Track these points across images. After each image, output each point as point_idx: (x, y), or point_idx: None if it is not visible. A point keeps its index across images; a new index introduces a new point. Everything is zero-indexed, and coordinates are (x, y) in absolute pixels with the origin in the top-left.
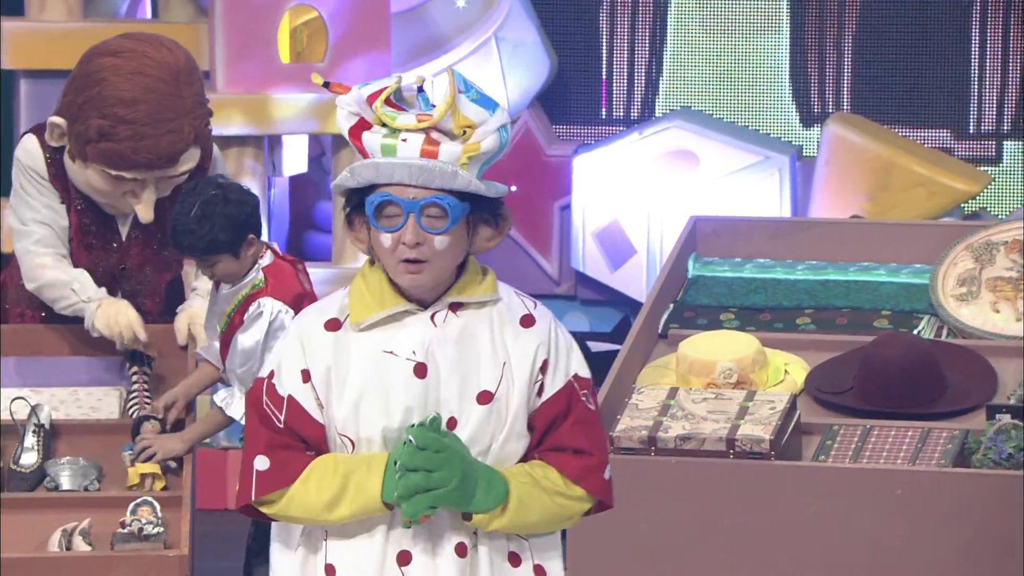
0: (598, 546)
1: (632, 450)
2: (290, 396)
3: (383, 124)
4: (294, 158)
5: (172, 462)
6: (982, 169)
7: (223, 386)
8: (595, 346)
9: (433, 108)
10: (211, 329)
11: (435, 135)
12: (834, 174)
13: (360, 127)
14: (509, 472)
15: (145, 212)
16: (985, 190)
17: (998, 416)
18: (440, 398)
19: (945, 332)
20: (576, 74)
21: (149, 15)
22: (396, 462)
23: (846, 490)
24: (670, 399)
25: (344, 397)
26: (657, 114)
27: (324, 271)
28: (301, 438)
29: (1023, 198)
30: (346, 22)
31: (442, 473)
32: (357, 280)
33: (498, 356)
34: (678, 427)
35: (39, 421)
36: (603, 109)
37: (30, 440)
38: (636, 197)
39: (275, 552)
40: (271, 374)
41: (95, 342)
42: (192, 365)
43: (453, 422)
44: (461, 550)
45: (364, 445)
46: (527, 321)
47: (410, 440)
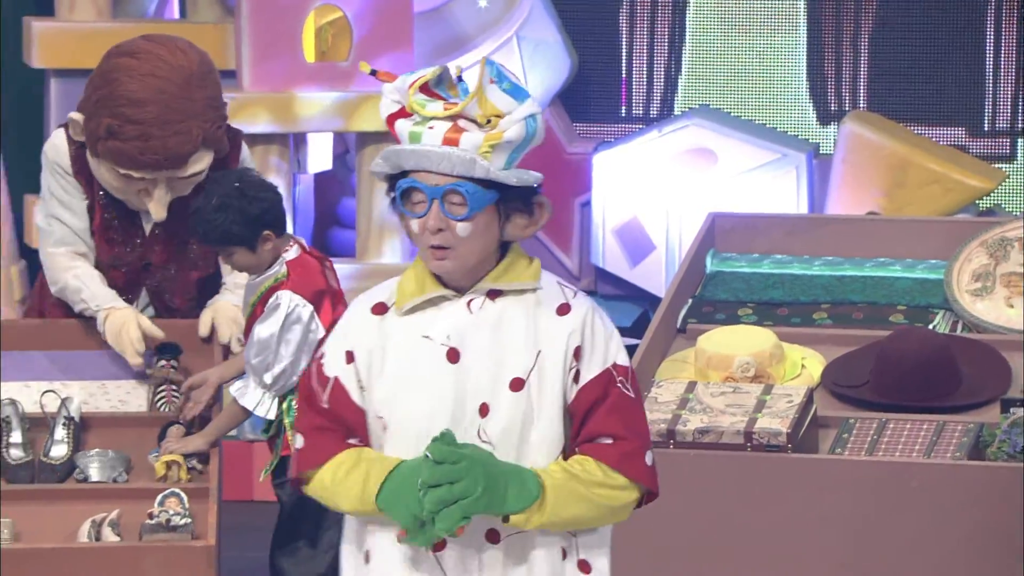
0: (616, 537)
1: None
2: (336, 378)
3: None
4: (319, 155)
5: (199, 464)
6: (997, 166)
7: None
8: None
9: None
10: (245, 320)
11: (462, 123)
12: (850, 171)
13: (399, 115)
14: (542, 469)
15: (157, 211)
16: (999, 187)
17: (1012, 409)
18: (471, 383)
19: (960, 327)
20: (596, 73)
21: (177, 15)
22: (420, 480)
23: (862, 482)
24: (689, 393)
25: (382, 379)
26: (676, 112)
27: (348, 267)
28: (343, 422)
29: None
30: (370, 22)
31: (465, 483)
32: (409, 267)
33: (532, 344)
34: (696, 420)
35: (69, 414)
36: (623, 107)
37: (60, 432)
38: (655, 194)
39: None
40: (321, 355)
41: None
42: (219, 358)
43: (485, 408)
44: (493, 537)
45: (396, 427)
46: (563, 310)
47: (427, 456)
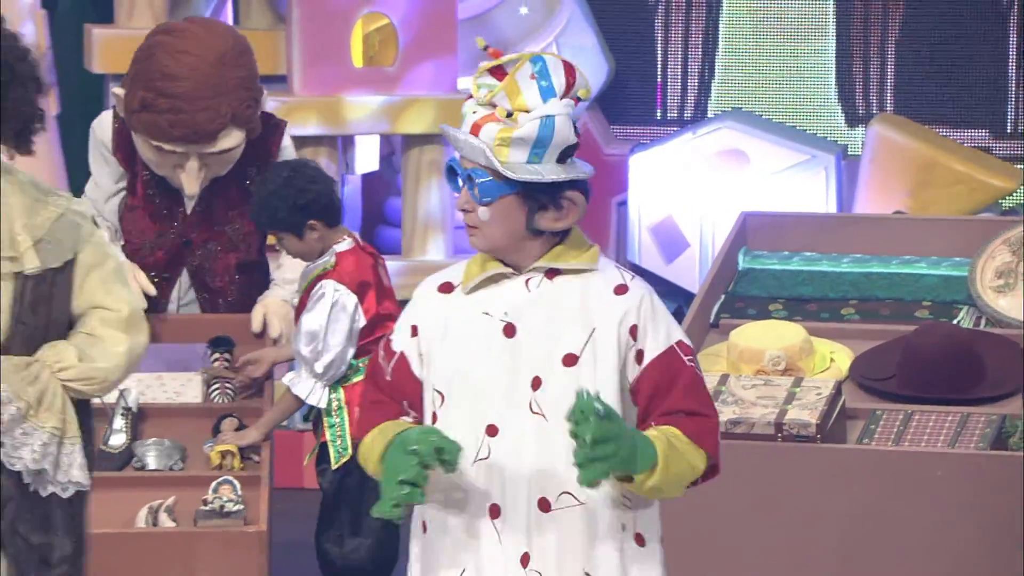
0: None
1: None
2: (401, 352)
3: None
4: (366, 157)
5: (254, 455)
6: (1019, 167)
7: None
8: None
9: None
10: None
11: (497, 112)
12: (878, 172)
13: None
14: (650, 434)
15: (189, 184)
16: (1022, 187)
17: None
18: (525, 357)
19: (983, 322)
20: (632, 77)
21: (230, 22)
22: (587, 436)
23: (888, 472)
24: (721, 385)
25: (442, 352)
26: (709, 115)
27: (393, 263)
28: (402, 393)
29: None
30: (415, 28)
31: (616, 443)
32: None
33: (586, 321)
34: (729, 412)
35: (127, 405)
36: (658, 111)
37: (119, 422)
38: (689, 194)
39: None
40: (391, 330)
41: (181, 331)
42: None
43: (537, 382)
44: (544, 506)
45: (452, 399)
46: (620, 290)
47: (597, 411)
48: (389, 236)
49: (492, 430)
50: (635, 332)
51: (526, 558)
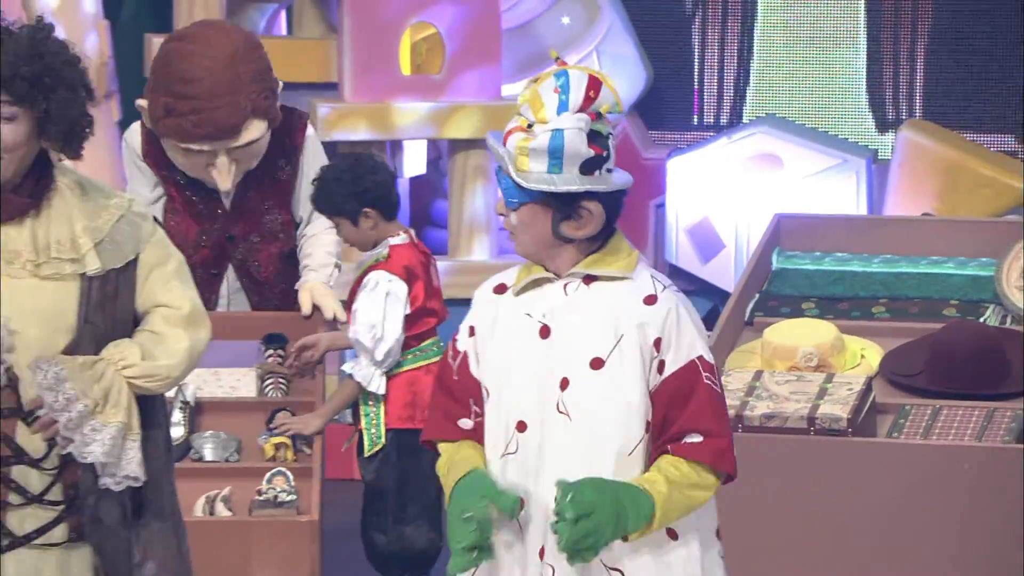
0: None
1: None
2: (464, 352)
3: None
4: (414, 161)
5: (306, 447)
6: None
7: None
8: None
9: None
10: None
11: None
12: (907, 176)
13: None
14: (647, 482)
15: (222, 180)
16: None
17: None
18: (556, 358)
19: (1009, 320)
20: (670, 84)
21: (284, 32)
22: (562, 542)
23: (917, 464)
24: (756, 381)
25: (489, 351)
26: (744, 121)
27: (440, 264)
28: (467, 392)
29: None
30: (461, 37)
31: (599, 535)
32: None
33: (615, 327)
34: (763, 407)
35: (185, 398)
36: (695, 116)
37: (177, 416)
38: (725, 196)
39: None
40: (458, 330)
41: (236, 328)
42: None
43: (565, 382)
44: None
45: (495, 396)
46: (650, 300)
47: (565, 516)
48: (436, 237)
49: (521, 426)
50: (659, 344)
51: (543, 551)
